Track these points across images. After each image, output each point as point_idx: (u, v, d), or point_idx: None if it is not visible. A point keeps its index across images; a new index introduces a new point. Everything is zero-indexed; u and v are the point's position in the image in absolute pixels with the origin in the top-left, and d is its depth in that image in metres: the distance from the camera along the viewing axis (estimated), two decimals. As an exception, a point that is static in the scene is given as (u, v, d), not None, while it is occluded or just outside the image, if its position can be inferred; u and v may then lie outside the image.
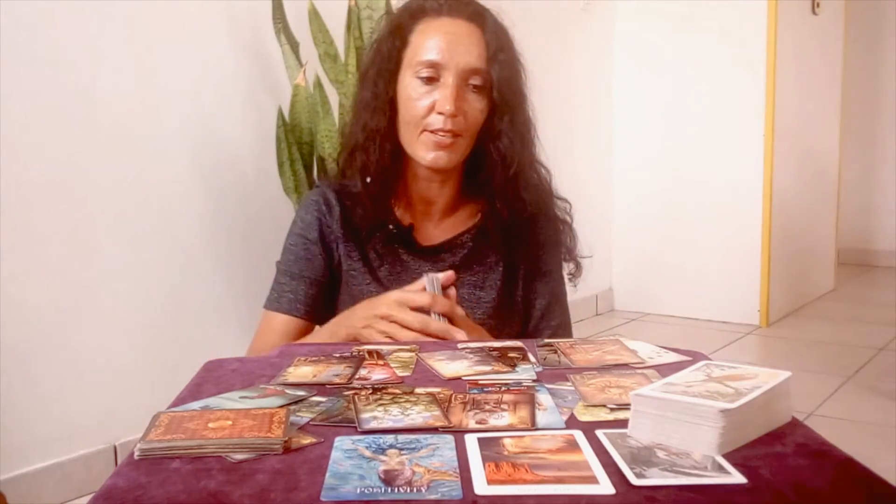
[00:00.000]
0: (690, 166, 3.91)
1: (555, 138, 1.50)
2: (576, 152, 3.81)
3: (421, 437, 0.77)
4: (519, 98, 1.35)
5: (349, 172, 1.38)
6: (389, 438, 0.76)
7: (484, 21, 1.32)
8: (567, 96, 3.76)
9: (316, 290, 1.38)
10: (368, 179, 1.34)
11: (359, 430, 0.79)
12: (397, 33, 1.33)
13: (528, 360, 1.04)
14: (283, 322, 1.36)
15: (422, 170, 1.35)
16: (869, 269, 5.35)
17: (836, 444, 0.77)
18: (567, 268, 1.45)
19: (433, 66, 1.28)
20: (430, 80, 1.29)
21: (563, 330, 1.45)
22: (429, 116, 1.28)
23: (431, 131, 1.28)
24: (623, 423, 0.79)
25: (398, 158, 1.35)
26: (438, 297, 1.19)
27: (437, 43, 1.29)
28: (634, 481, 0.67)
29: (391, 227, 1.36)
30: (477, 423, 0.80)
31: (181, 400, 0.90)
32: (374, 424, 0.80)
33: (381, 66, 1.33)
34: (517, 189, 1.35)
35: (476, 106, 1.31)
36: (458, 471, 0.69)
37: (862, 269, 5.31)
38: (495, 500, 0.65)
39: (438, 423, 0.80)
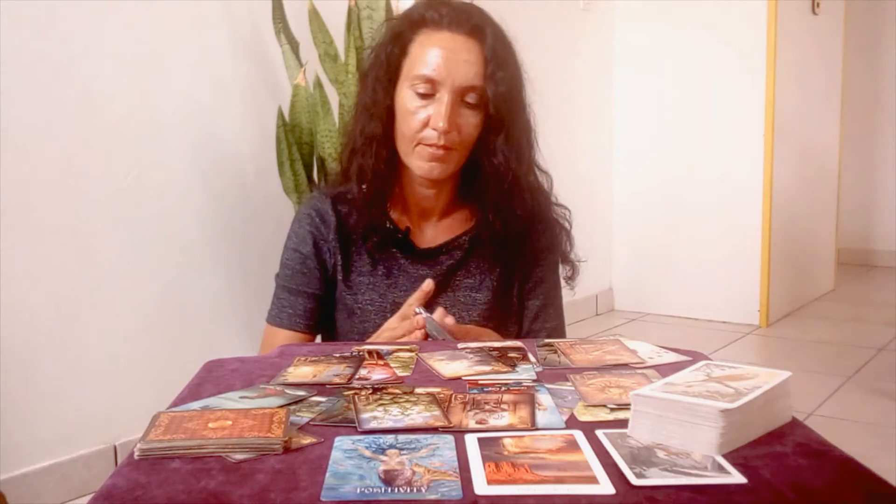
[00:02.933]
0: (690, 166, 3.91)
1: (555, 139, 1.50)
2: (576, 153, 3.81)
3: (421, 437, 0.77)
4: (516, 114, 1.34)
5: (350, 174, 1.38)
6: (389, 438, 0.76)
7: (484, 36, 1.31)
8: (567, 96, 3.76)
9: (315, 304, 1.39)
10: (364, 186, 1.35)
11: (359, 430, 0.79)
12: (397, 42, 1.33)
13: (528, 360, 1.04)
14: (285, 337, 1.37)
15: (417, 176, 1.35)
16: (869, 269, 5.35)
17: (836, 444, 0.77)
18: (563, 270, 1.45)
19: (429, 81, 1.28)
20: (426, 96, 1.29)
21: (558, 332, 1.46)
22: (423, 130, 1.29)
23: (426, 144, 1.29)
24: (623, 423, 0.79)
25: (394, 163, 1.35)
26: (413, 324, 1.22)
27: (434, 58, 1.28)
28: (634, 481, 0.67)
29: (388, 228, 1.36)
30: (477, 423, 0.81)
31: (181, 400, 0.90)
32: (374, 424, 0.80)
33: (379, 72, 1.34)
34: (510, 203, 1.35)
35: (471, 121, 1.31)
36: (458, 471, 0.69)
37: (862, 269, 5.31)
38: (495, 500, 0.65)
39: (438, 423, 0.80)
